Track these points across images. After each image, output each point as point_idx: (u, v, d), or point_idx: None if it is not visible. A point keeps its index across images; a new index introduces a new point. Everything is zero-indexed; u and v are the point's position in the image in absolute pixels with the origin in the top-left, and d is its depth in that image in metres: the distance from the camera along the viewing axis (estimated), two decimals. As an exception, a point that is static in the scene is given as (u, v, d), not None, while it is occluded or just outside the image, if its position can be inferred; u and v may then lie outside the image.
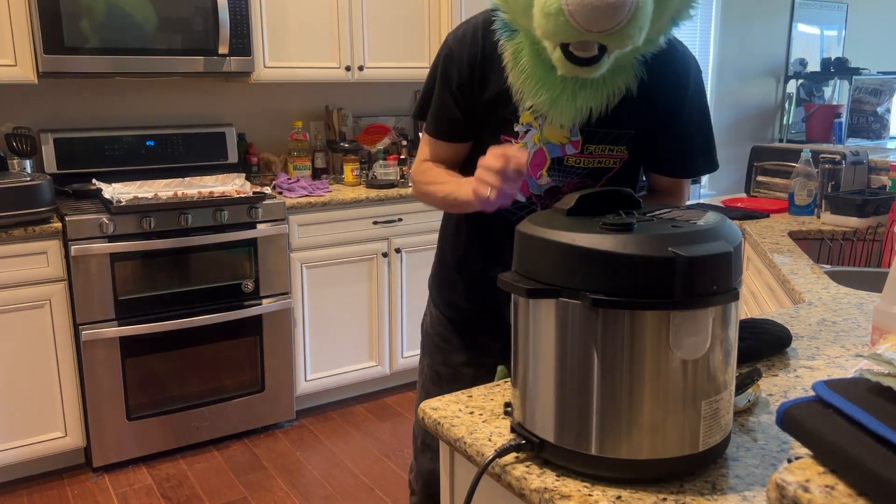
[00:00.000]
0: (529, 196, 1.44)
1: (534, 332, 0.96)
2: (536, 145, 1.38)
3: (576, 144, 1.37)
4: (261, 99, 3.65)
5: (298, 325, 3.23)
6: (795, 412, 0.78)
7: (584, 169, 1.41)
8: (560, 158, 1.39)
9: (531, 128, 1.37)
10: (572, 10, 1.09)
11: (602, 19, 1.09)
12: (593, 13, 1.08)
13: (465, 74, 1.38)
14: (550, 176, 1.41)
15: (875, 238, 2.51)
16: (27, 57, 2.76)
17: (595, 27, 1.10)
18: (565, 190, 1.43)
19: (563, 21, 1.11)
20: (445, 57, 1.41)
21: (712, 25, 5.40)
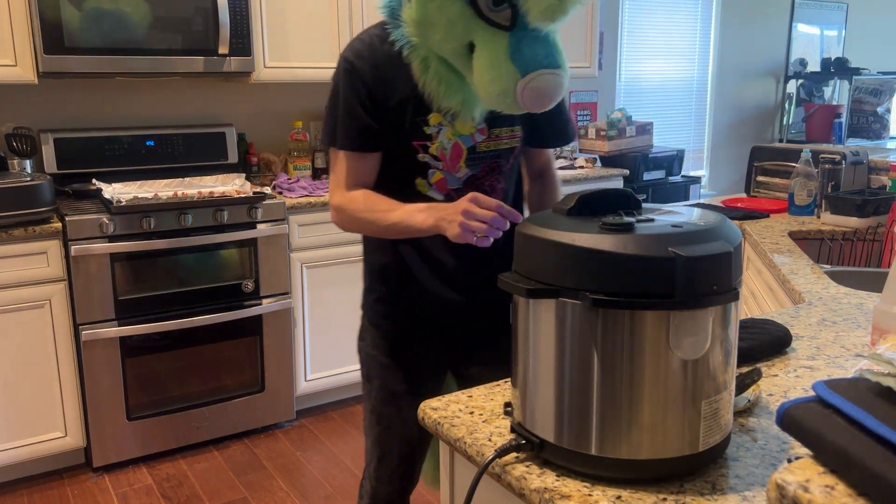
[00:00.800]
0: (448, 193, 1.51)
1: (534, 332, 0.96)
2: (451, 140, 1.48)
3: (482, 131, 1.50)
4: (261, 99, 3.65)
5: (298, 325, 3.23)
6: (795, 412, 0.78)
7: (494, 151, 1.53)
8: (473, 147, 1.50)
9: (442, 126, 1.47)
10: (525, 103, 1.26)
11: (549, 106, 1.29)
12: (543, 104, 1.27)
13: (371, 84, 1.43)
14: (467, 165, 1.51)
15: (875, 238, 2.51)
16: (27, 57, 2.76)
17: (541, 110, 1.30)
18: (481, 175, 1.53)
19: (515, 107, 1.27)
20: (347, 72, 1.45)
21: (712, 25, 5.40)
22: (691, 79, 5.41)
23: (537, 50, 1.24)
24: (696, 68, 5.41)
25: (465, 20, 1.26)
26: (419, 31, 1.33)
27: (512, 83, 1.23)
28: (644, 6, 5.01)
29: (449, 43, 1.30)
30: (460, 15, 1.26)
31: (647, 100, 5.19)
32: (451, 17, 1.26)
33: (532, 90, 1.23)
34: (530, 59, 1.23)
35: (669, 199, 4.37)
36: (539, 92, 1.24)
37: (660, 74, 5.23)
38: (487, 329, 1.62)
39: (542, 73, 1.23)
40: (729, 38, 5.50)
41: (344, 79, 1.45)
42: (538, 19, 1.22)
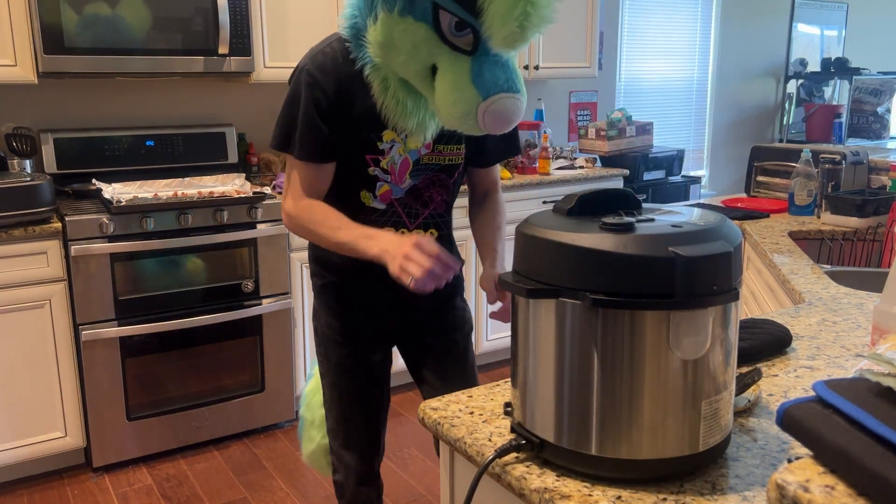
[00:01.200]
0: (390, 201, 1.59)
1: (534, 332, 0.96)
2: (402, 156, 1.55)
3: (427, 145, 1.57)
4: (261, 99, 3.65)
5: (298, 325, 3.23)
6: (795, 412, 0.78)
7: (436, 165, 1.60)
8: (417, 159, 1.57)
9: (395, 143, 1.54)
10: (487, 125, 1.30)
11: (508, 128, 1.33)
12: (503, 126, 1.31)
13: (333, 98, 1.47)
14: (411, 177, 1.58)
15: (875, 238, 2.51)
16: (27, 57, 2.76)
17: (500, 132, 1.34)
18: (422, 186, 1.60)
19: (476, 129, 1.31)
20: (309, 85, 1.47)
21: (712, 25, 5.40)
22: (691, 79, 5.41)
23: (498, 74, 1.28)
24: (696, 68, 5.41)
25: (429, 44, 1.30)
26: (383, 52, 1.36)
27: (474, 106, 1.28)
28: (644, 6, 5.01)
29: (412, 65, 1.34)
30: (425, 39, 1.29)
31: (647, 100, 5.19)
32: (416, 41, 1.30)
33: (493, 113, 1.28)
34: (491, 82, 1.27)
35: (669, 199, 4.37)
36: (499, 114, 1.29)
37: (660, 74, 5.23)
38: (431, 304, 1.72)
39: (502, 96, 1.28)
40: (729, 38, 5.49)
41: (305, 91, 1.48)
42: (500, 45, 1.26)
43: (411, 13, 1.29)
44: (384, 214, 1.59)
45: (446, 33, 1.28)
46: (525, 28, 1.21)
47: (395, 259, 1.37)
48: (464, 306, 1.82)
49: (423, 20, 1.28)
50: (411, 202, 1.60)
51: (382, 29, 1.33)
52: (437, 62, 1.31)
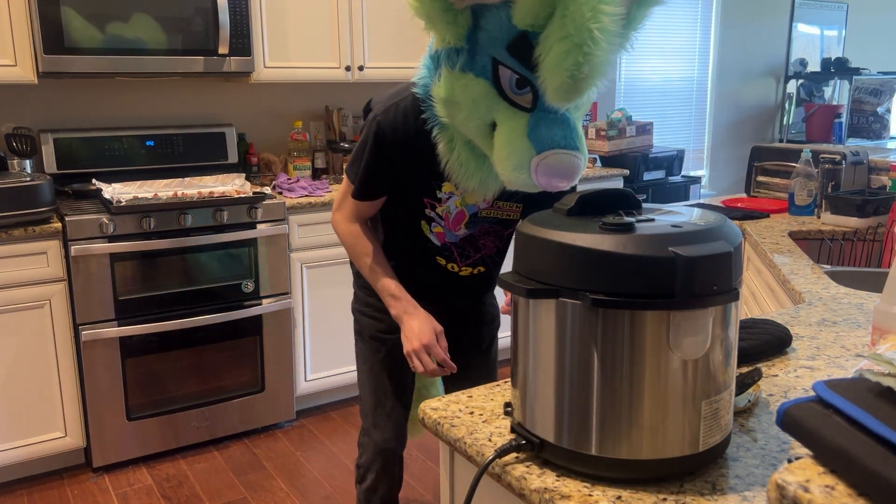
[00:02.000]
0: (444, 243, 1.67)
1: (534, 332, 0.96)
2: (458, 208, 1.62)
3: (487, 202, 1.63)
4: (261, 99, 3.65)
5: (298, 325, 3.23)
6: (795, 412, 0.78)
7: (494, 219, 1.66)
8: (475, 213, 1.64)
9: (453, 195, 1.60)
10: (541, 181, 1.30)
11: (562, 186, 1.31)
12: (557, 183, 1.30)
13: (399, 156, 1.53)
14: (466, 227, 1.65)
15: (875, 238, 2.51)
16: (27, 57, 2.76)
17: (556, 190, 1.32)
18: (477, 235, 1.67)
19: (528, 182, 1.31)
20: (377, 136, 1.53)
21: (712, 25, 5.40)
22: (691, 79, 5.41)
23: (555, 131, 1.28)
24: (696, 68, 5.41)
25: (488, 100, 1.31)
26: (446, 109, 1.38)
27: (527, 159, 1.27)
28: (644, 6, 4.99)
29: (472, 121, 1.35)
30: (484, 95, 1.31)
31: (647, 100, 5.19)
32: (476, 96, 1.31)
33: (546, 167, 1.27)
34: (546, 137, 1.27)
35: (669, 199, 4.37)
36: (553, 169, 1.27)
37: (660, 74, 5.23)
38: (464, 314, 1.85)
39: (557, 151, 1.27)
40: (729, 38, 5.49)
41: (373, 141, 1.54)
42: (553, 98, 1.25)
43: (472, 69, 1.30)
44: (438, 249, 1.68)
45: (506, 90, 1.29)
46: (577, 79, 1.20)
47: (408, 341, 1.58)
48: (493, 302, 1.89)
49: (483, 76, 1.30)
50: (465, 246, 1.68)
51: (445, 85, 1.36)
52: (496, 118, 1.32)
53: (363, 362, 1.84)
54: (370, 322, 1.80)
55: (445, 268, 1.71)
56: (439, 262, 1.70)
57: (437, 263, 1.71)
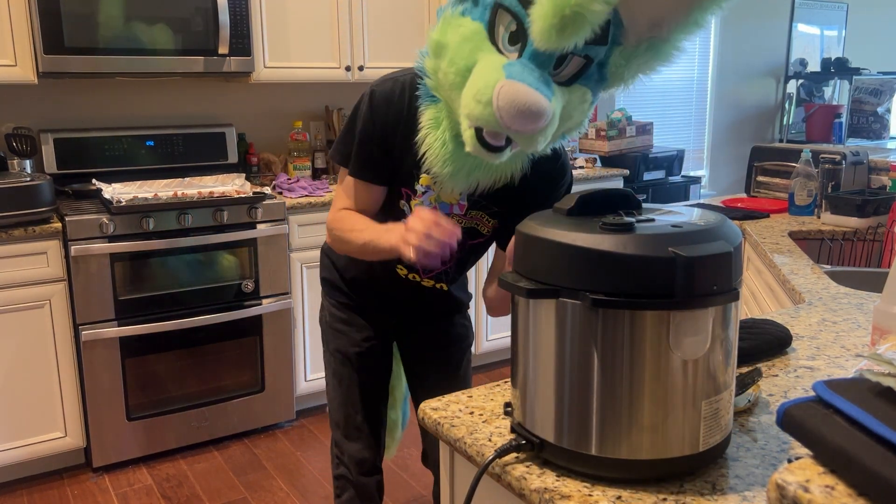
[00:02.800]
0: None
1: (534, 332, 0.96)
2: (432, 204, 1.56)
3: (461, 207, 1.57)
4: (261, 99, 3.65)
5: (298, 325, 3.23)
6: (795, 412, 0.78)
7: (465, 228, 1.58)
8: (448, 215, 1.56)
9: (429, 189, 1.54)
10: (501, 107, 1.20)
11: (523, 122, 1.21)
12: (518, 115, 1.20)
13: (390, 128, 1.48)
14: None
15: (875, 238, 2.51)
16: (27, 57, 2.76)
17: (514, 126, 1.22)
18: None
19: (489, 112, 1.22)
20: (372, 109, 1.49)
21: (712, 25, 5.40)
22: (691, 79, 5.41)
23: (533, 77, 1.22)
24: (696, 68, 5.41)
25: (476, 39, 1.27)
26: (434, 54, 1.34)
27: (493, 81, 1.21)
28: (644, 6, 5.00)
29: (455, 64, 1.29)
30: (474, 34, 1.27)
31: (647, 100, 5.19)
32: (466, 34, 1.28)
33: (508, 89, 1.19)
34: (518, 73, 1.21)
35: (669, 199, 4.37)
36: (515, 94, 1.19)
37: (660, 74, 5.20)
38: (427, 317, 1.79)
39: (525, 85, 1.20)
40: (729, 38, 5.49)
41: (366, 112, 1.50)
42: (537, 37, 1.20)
43: (471, 14, 1.29)
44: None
45: (497, 41, 1.26)
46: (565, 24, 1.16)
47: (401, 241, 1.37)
48: (464, 323, 1.85)
49: (480, 20, 1.27)
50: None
51: (440, 27, 1.33)
52: (478, 58, 1.27)
53: (331, 374, 1.82)
54: (335, 336, 1.79)
55: (407, 279, 1.66)
56: (399, 272, 1.65)
57: (398, 274, 1.65)
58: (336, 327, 1.78)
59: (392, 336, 1.84)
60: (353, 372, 1.77)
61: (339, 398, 1.79)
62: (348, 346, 1.77)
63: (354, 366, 1.77)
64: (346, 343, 1.77)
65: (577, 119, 1.35)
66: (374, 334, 1.78)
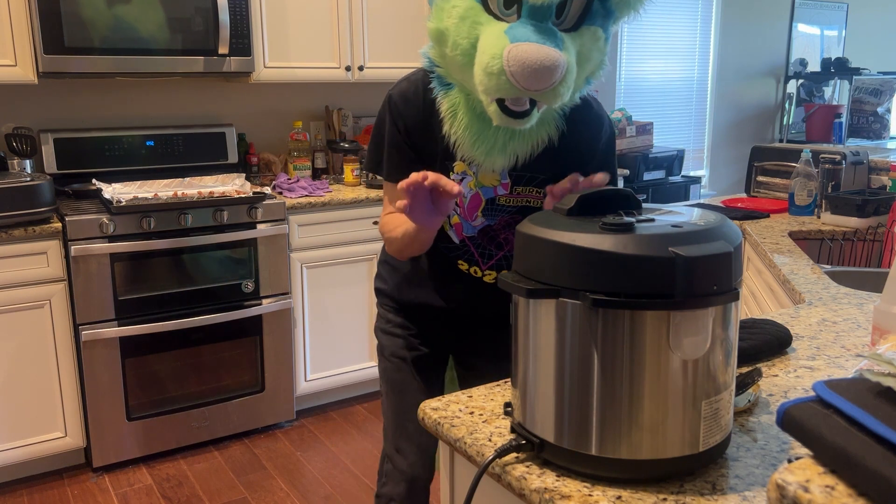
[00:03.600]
0: (462, 239, 1.56)
1: (534, 332, 0.96)
2: (472, 190, 1.51)
3: (505, 186, 1.51)
4: (261, 99, 3.65)
5: (298, 325, 3.23)
6: (795, 412, 0.78)
7: (513, 207, 1.54)
8: (492, 199, 1.52)
9: (466, 175, 1.50)
10: (514, 72, 1.20)
11: (540, 80, 1.21)
12: (533, 75, 1.20)
13: (412, 126, 1.48)
14: (484, 215, 1.54)
15: (875, 238, 2.51)
16: (27, 57, 2.76)
17: (533, 86, 1.22)
18: (497, 227, 1.55)
19: (504, 80, 1.22)
20: (392, 111, 1.50)
21: (712, 25, 5.40)
22: (691, 79, 5.41)
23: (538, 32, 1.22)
24: (696, 68, 5.41)
25: (473, 15, 1.27)
26: (437, 42, 1.34)
27: (500, 49, 1.21)
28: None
29: (459, 47, 1.30)
30: (469, 9, 1.28)
31: (648, 100, 5.19)
32: (462, 13, 1.28)
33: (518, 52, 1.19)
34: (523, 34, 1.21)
35: (669, 199, 4.37)
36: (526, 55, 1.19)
37: (660, 74, 5.23)
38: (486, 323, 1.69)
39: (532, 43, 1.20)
40: (729, 38, 5.49)
41: (388, 116, 1.51)
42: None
43: None
44: (457, 249, 1.58)
45: (493, 8, 1.26)
46: None
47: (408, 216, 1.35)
48: None
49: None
50: (485, 242, 1.57)
51: (435, 15, 1.34)
52: (479, 34, 1.27)
53: (385, 382, 1.73)
54: (390, 340, 1.71)
55: (469, 274, 1.60)
56: (461, 266, 1.60)
57: (459, 269, 1.60)
58: (392, 332, 1.70)
59: (449, 346, 1.76)
60: (409, 378, 1.68)
61: (392, 406, 1.70)
62: (405, 350, 1.68)
63: (411, 371, 1.68)
64: (403, 346, 1.69)
65: (597, 59, 1.34)
66: (432, 340, 1.71)
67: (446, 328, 1.70)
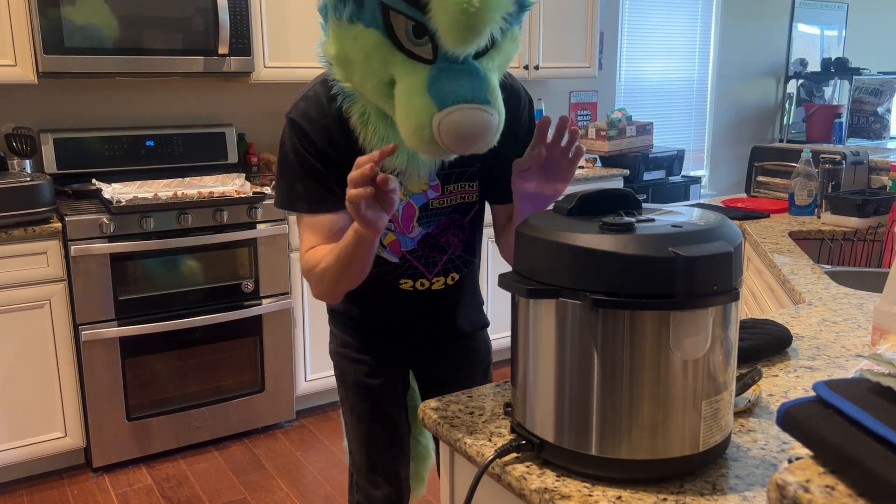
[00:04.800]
0: (402, 255, 1.44)
1: (534, 332, 0.96)
2: (403, 201, 1.39)
3: (436, 188, 1.40)
4: (261, 99, 3.65)
5: (298, 325, 3.23)
6: (796, 412, 0.78)
7: (448, 207, 1.43)
8: (425, 204, 1.41)
9: None
10: (446, 143, 1.11)
11: (474, 147, 1.12)
12: (467, 145, 1.11)
13: (323, 147, 1.33)
14: (420, 224, 1.42)
15: (875, 238, 2.51)
16: (27, 57, 2.76)
17: (467, 151, 1.13)
18: (436, 233, 1.44)
19: (436, 147, 1.12)
20: (294, 134, 1.35)
21: (712, 25, 5.40)
22: (691, 79, 5.41)
23: (460, 83, 1.10)
24: (696, 68, 5.41)
25: (381, 53, 1.13)
26: (341, 68, 1.22)
27: (427, 118, 1.09)
28: (644, 6, 5.01)
29: (369, 81, 1.17)
30: (376, 47, 1.13)
31: (647, 100, 5.19)
32: (367, 50, 1.14)
33: (450, 125, 1.08)
34: (449, 91, 1.09)
35: (669, 199, 4.37)
36: (459, 127, 1.09)
37: (660, 74, 5.23)
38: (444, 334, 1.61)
39: (462, 107, 1.08)
40: (729, 38, 5.49)
41: (294, 142, 1.35)
42: (449, 41, 1.07)
43: (360, 19, 1.13)
44: (398, 269, 1.45)
45: (403, 40, 1.11)
46: (469, 14, 1.03)
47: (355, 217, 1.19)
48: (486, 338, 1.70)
49: (374, 26, 1.12)
50: (427, 251, 1.45)
51: (334, 41, 1.20)
52: (394, 73, 1.14)
53: (349, 412, 1.61)
54: (352, 366, 1.58)
55: (416, 290, 1.48)
56: (404, 287, 1.47)
57: (404, 291, 1.48)
58: (352, 357, 1.58)
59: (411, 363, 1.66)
60: (375, 407, 1.58)
61: (361, 437, 1.60)
62: (368, 378, 1.57)
63: (377, 399, 1.58)
64: (366, 374, 1.57)
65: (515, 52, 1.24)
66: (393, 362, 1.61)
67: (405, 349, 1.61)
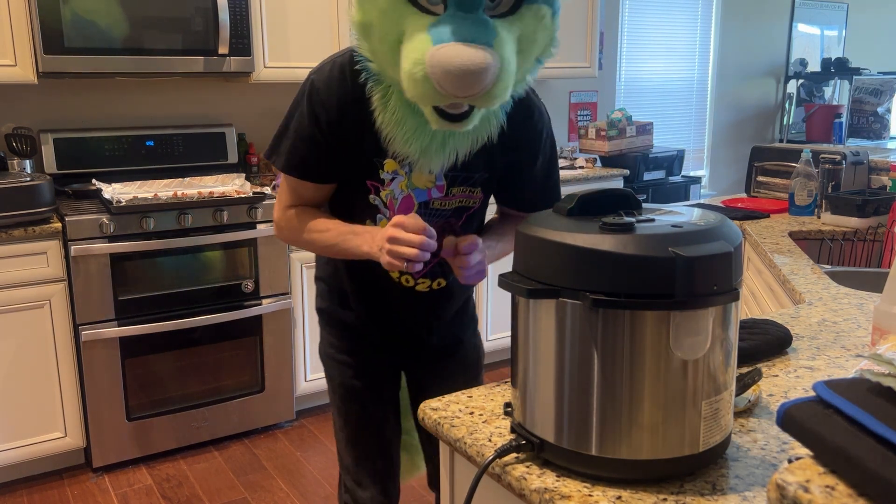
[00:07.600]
0: None
1: (534, 332, 0.96)
2: (404, 192, 1.37)
3: (440, 188, 1.39)
4: (261, 99, 3.65)
5: (298, 325, 3.23)
6: (796, 412, 0.78)
7: (448, 210, 1.42)
8: (426, 202, 1.40)
9: (397, 175, 1.37)
10: (438, 79, 1.09)
11: (467, 86, 1.09)
12: (458, 81, 1.09)
13: (334, 115, 1.32)
14: None
15: (875, 238, 2.51)
16: (27, 57, 2.76)
17: (461, 93, 1.11)
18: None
19: (430, 87, 1.11)
20: (311, 95, 1.34)
21: (712, 25, 5.40)
22: (691, 79, 5.41)
23: (464, 28, 1.08)
24: (696, 68, 5.41)
25: (396, 8, 1.15)
26: (363, 35, 1.22)
27: (421, 54, 1.09)
28: (644, 6, 5.01)
29: (385, 42, 1.17)
30: (390, 3, 1.15)
31: (648, 100, 5.19)
32: (383, 6, 1.16)
33: (440, 57, 1.07)
34: (448, 31, 1.08)
35: (669, 199, 4.37)
36: (449, 59, 1.07)
37: (660, 74, 5.23)
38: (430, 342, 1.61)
39: (458, 43, 1.07)
40: (729, 38, 5.49)
41: (306, 102, 1.35)
42: None
43: None
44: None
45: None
46: None
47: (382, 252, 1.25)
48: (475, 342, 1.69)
49: None
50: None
51: (357, 6, 1.21)
52: (405, 29, 1.14)
53: (338, 413, 1.61)
54: (339, 369, 1.59)
55: (400, 285, 1.47)
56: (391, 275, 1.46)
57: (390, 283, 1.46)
58: (340, 359, 1.59)
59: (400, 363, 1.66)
60: (362, 407, 1.58)
61: (348, 438, 1.60)
62: (356, 380, 1.58)
63: (364, 401, 1.58)
64: (353, 376, 1.58)
65: (543, 41, 1.21)
66: (381, 365, 1.61)
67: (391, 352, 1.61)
